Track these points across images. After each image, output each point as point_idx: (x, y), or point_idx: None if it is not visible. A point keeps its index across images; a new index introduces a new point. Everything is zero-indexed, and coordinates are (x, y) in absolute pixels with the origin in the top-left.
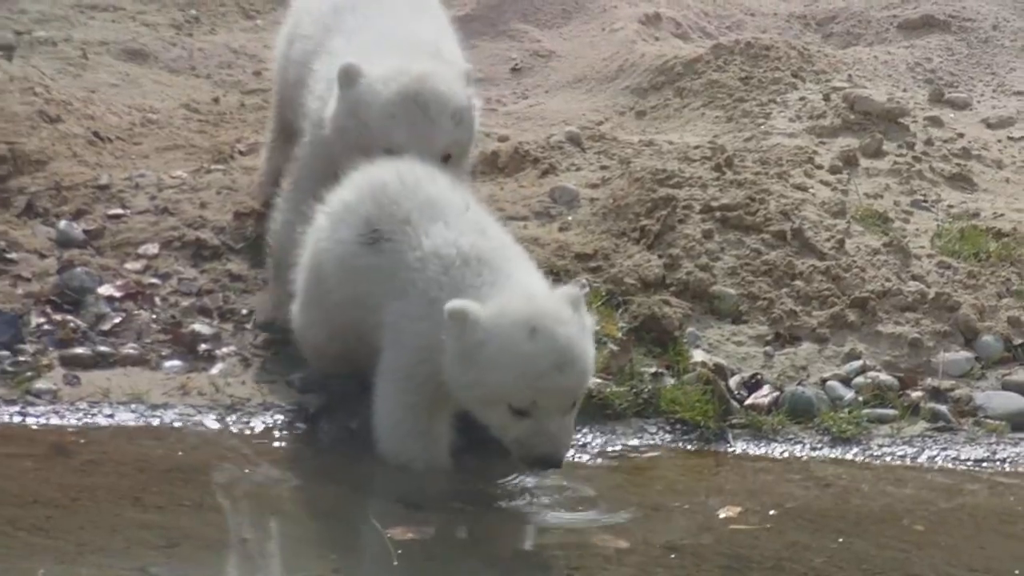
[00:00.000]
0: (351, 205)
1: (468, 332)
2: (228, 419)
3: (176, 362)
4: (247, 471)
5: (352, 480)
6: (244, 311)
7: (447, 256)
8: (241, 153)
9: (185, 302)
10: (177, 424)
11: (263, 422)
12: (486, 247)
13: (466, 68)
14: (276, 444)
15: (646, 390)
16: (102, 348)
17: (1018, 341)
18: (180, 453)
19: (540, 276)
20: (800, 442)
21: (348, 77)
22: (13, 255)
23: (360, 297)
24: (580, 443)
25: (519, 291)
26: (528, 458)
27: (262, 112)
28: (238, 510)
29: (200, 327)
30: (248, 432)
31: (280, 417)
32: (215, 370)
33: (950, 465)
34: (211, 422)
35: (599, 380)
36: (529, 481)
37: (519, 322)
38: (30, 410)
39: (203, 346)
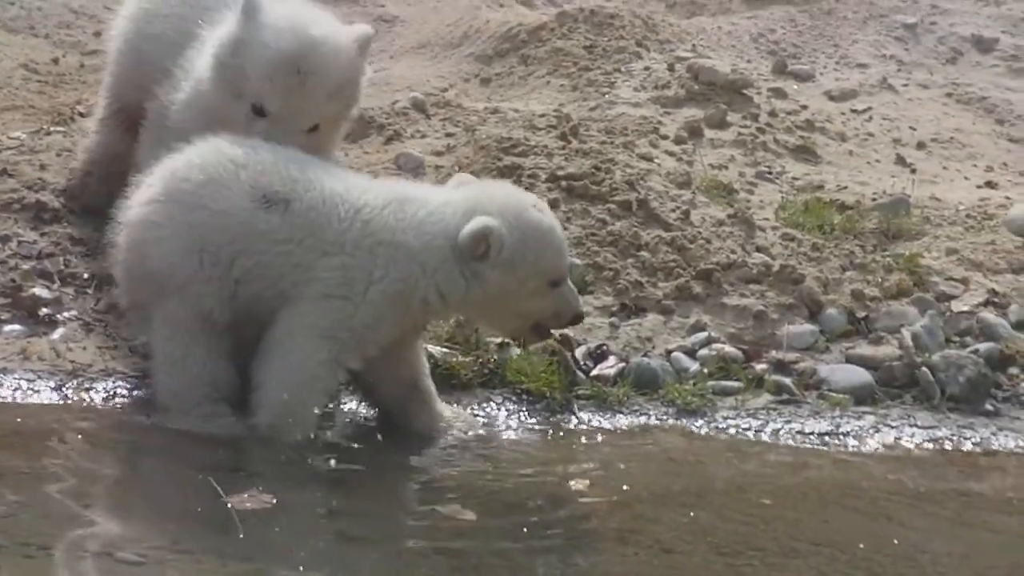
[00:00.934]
0: (218, 175)
1: (497, 241)
2: (68, 385)
3: (16, 326)
4: (87, 440)
5: (192, 448)
6: (86, 275)
7: (374, 203)
8: (81, 115)
9: (25, 265)
10: (16, 390)
11: (104, 388)
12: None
13: (365, 32)
14: (118, 411)
15: (492, 360)
16: None
17: (861, 314)
18: (18, 420)
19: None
20: (645, 414)
21: (249, 10)
22: None
23: (265, 266)
24: None
25: (484, 190)
26: (564, 320)
27: (103, 73)
28: (78, 480)
29: (40, 291)
30: (89, 399)
31: (122, 384)
32: (56, 335)
33: (794, 438)
34: (51, 388)
35: (445, 350)
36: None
37: (524, 205)
38: None
39: (44, 310)
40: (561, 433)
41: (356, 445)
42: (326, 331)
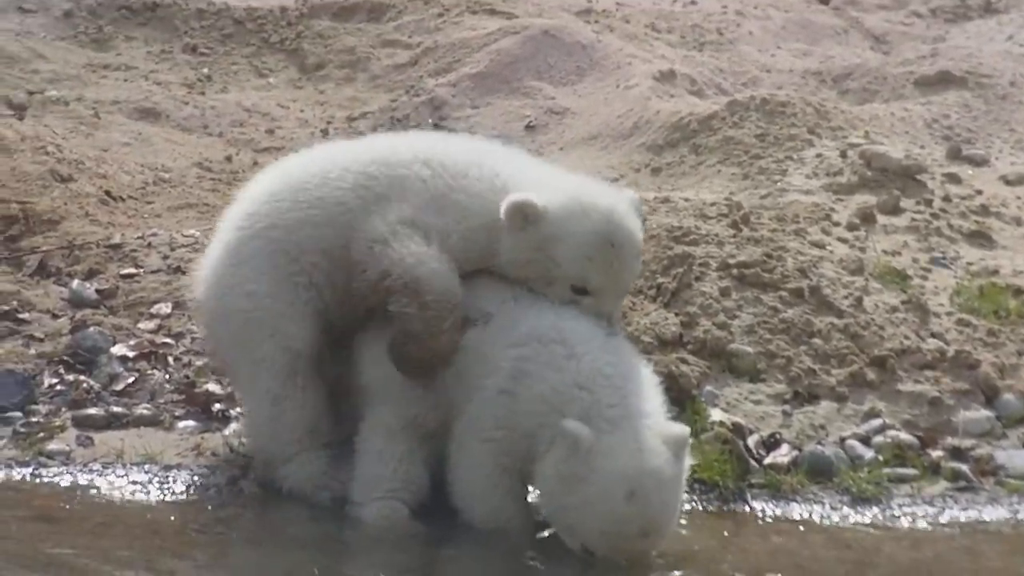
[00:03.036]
0: None
1: (575, 461)
2: (242, 480)
3: (190, 422)
4: (261, 533)
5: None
6: None
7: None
8: None
9: (198, 361)
10: (189, 486)
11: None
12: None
13: (634, 197)
14: (292, 504)
15: None
16: (115, 408)
17: None
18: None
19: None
20: (820, 502)
21: (518, 219)
22: (26, 315)
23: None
24: None
25: (632, 430)
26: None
27: None
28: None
29: (213, 387)
30: (261, 492)
31: None
32: (228, 430)
33: (972, 526)
34: (225, 483)
35: None
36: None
37: (620, 480)
38: (43, 471)
39: (217, 406)
40: (733, 522)
41: None
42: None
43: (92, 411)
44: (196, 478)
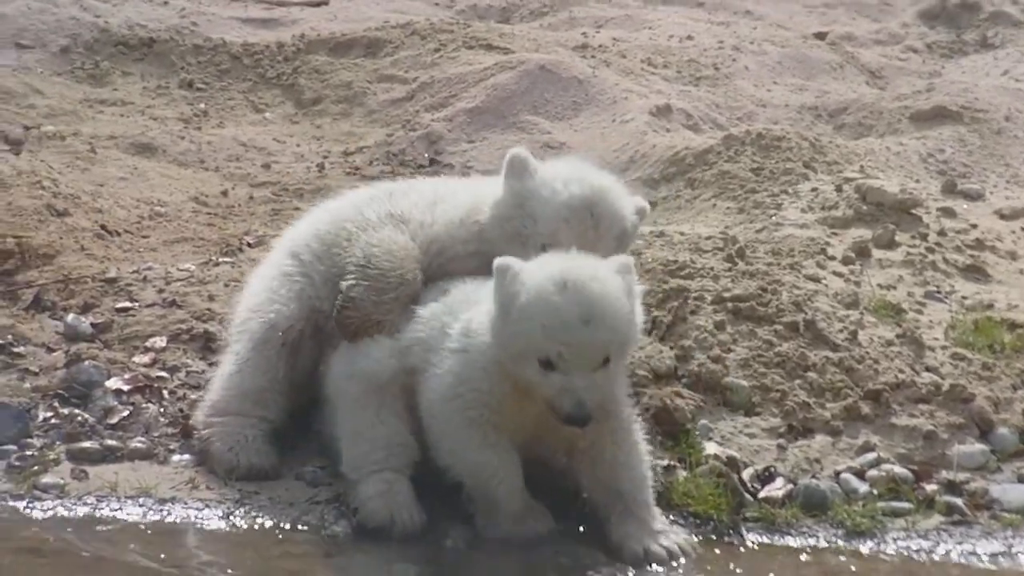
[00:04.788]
0: None
1: (507, 284)
2: (235, 514)
3: (184, 456)
4: (257, 568)
5: None
6: None
7: None
8: (249, 245)
9: (193, 395)
10: (184, 519)
11: (272, 516)
12: None
13: (642, 204)
14: (285, 539)
15: (658, 483)
16: (110, 442)
17: None
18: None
19: None
20: (814, 535)
21: (518, 167)
22: (20, 349)
23: None
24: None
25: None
26: (559, 414)
27: (271, 204)
28: None
29: None
30: (257, 527)
31: (291, 511)
32: None
33: (966, 559)
34: (219, 517)
35: None
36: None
37: (552, 275)
38: (37, 505)
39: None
40: (728, 555)
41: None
42: None
43: (86, 444)
44: (190, 512)
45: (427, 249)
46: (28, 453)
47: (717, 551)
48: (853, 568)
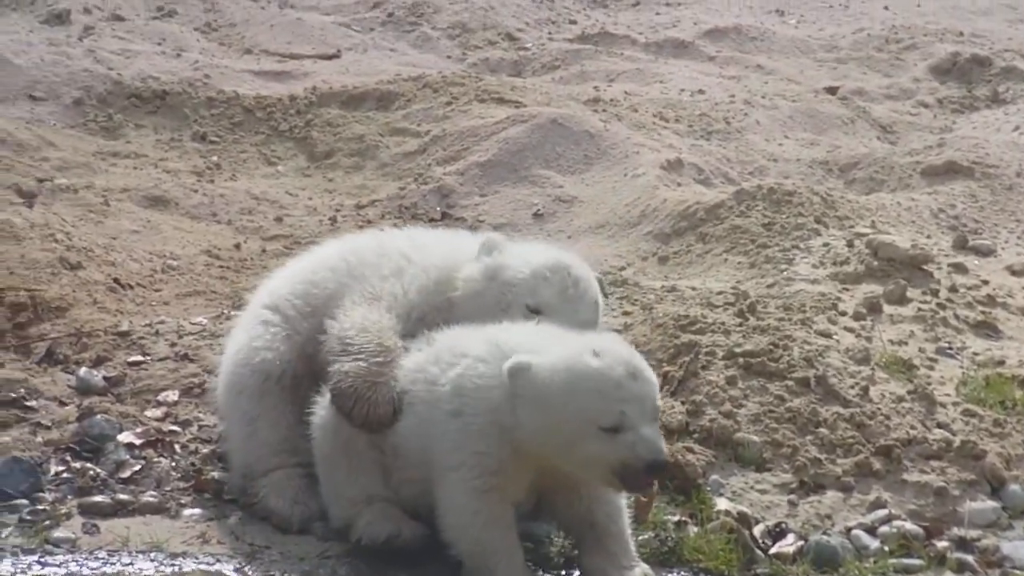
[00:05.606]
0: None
1: (530, 380)
2: (247, 568)
3: (196, 510)
4: None
5: None
6: None
7: None
8: None
9: (205, 449)
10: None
11: (283, 570)
12: None
13: (600, 278)
14: None
15: (669, 539)
16: (122, 496)
17: None
18: None
19: None
20: None
21: (492, 246)
22: (33, 402)
23: None
24: None
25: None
26: (637, 470)
27: (283, 258)
28: None
29: (220, 474)
30: None
31: (301, 565)
32: (234, 518)
33: None
34: (231, 571)
35: None
36: None
37: (575, 349)
38: (48, 559)
39: (225, 494)
40: None
41: None
42: None
43: (98, 498)
44: (202, 566)
45: (407, 316)
46: (40, 507)
47: None
48: None
